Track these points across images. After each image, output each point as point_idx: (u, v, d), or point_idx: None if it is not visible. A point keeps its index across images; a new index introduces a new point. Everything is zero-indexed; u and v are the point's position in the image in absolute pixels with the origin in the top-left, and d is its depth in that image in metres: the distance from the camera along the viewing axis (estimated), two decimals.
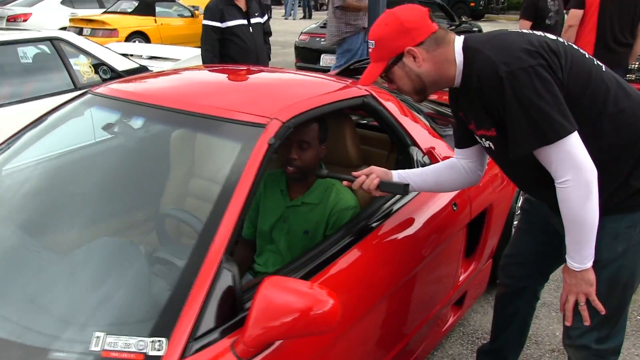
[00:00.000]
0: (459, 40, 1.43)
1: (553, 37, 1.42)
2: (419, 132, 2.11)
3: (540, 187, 1.48)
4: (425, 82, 1.45)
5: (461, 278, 2.20)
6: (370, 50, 1.47)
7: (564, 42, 1.42)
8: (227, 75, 2.05)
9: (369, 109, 1.92)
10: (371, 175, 1.63)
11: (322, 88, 1.86)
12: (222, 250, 1.24)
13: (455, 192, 1.99)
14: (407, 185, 1.60)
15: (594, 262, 1.42)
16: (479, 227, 2.27)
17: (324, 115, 1.74)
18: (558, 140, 1.30)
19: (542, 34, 1.41)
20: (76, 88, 3.55)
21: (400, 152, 2.02)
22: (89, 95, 1.92)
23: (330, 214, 1.80)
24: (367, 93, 1.93)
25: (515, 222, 2.55)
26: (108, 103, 1.82)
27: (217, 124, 1.54)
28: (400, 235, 1.75)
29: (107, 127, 1.83)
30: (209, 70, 2.16)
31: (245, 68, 2.18)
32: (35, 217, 1.63)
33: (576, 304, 1.49)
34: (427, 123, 2.26)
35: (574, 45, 1.44)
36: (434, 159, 2.02)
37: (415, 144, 2.01)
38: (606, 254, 1.45)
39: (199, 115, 1.57)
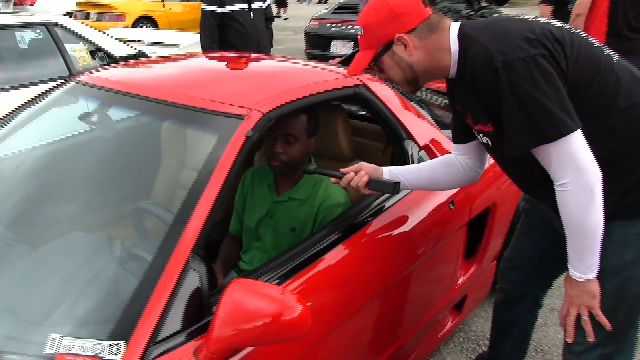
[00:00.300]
0: (454, 27, 1.38)
1: (558, 23, 1.37)
2: (418, 125, 2.07)
3: (539, 187, 1.42)
4: (417, 71, 1.41)
5: (460, 280, 2.16)
6: (358, 37, 1.43)
7: (570, 29, 1.36)
8: (215, 63, 2.05)
9: (361, 99, 1.89)
10: (360, 172, 1.58)
11: (311, 77, 1.82)
12: (190, 248, 1.21)
13: (454, 190, 1.94)
14: (397, 183, 1.56)
15: (598, 272, 1.35)
16: (481, 227, 2.23)
17: (311, 106, 1.72)
18: (558, 139, 1.24)
19: (547, 21, 1.36)
20: (71, 74, 3.54)
21: (394, 146, 1.99)
22: (71, 83, 1.92)
23: (319, 211, 1.79)
24: (359, 83, 1.89)
25: None
26: (89, 92, 1.81)
27: (195, 115, 1.52)
28: (392, 233, 1.72)
29: (84, 117, 1.82)
30: (198, 58, 2.14)
31: (237, 56, 2.16)
32: (11, 209, 1.62)
33: (579, 317, 1.42)
34: (428, 116, 2.22)
35: (581, 33, 1.37)
36: (432, 155, 1.98)
37: (411, 138, 1.97)
38: (613, 263, 1.37)
39: (178, 106, 1.55)
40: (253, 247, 1.90)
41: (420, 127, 2.07)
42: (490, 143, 1.44)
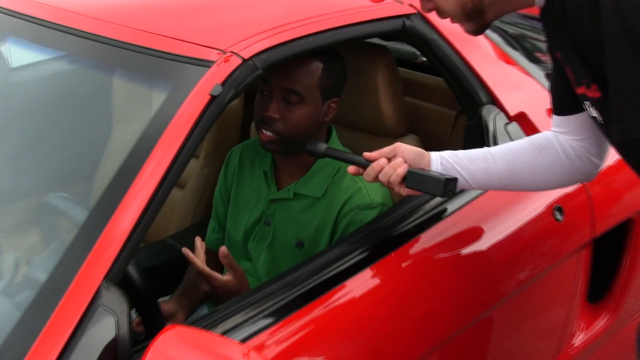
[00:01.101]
0: None
1: None
2: (513, 83, 2.07)
3: None
4: None
5: (578, 339, 2.12)
6: None
7: None
8: None
9: (414, 38, 1.88)
10: (395, 160, 1.56)
11: (332, 4, 1.82)
12: (103, 271, 1.20)
13: (565, 190, 1.91)
14: (451, 180, 1.52)
15: None
16: (615, 252, 2.19)
17: (330, 48, 1.73)
18: None
19: None
20: None
21: (468, 115, 1.98)
22: None
23: (340, 214, 1.77)
24: (412, 11, 1.88)
25: None
26: None
27: (139, 59, 1.53)
28: (455, 256, 1.73)
29: None
30: None
31: None
32: None
33: None
34: (530, 70, 2.20)
35: None
36: (530, 132, 1.91)
37: (496, 102, 1.94)
38: None
39: (118, 45, 1.57)
40: None
41: (516, 87, 2.06)
42: (601, 119, 1.42)
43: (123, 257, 1.23)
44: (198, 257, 1.63)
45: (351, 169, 1.63)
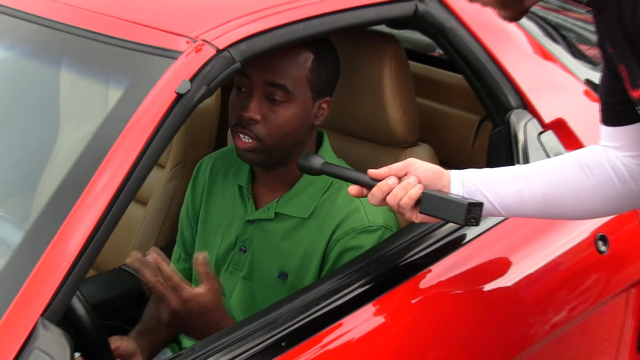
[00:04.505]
0: None
1: None
2: (548, 82, 2.09)
3: None
4: None
5: None
6: None
7: None
8: None
9: (429, 25, 1.89)
10: (407, 179, 1.55)
11: None
12: (42, 306, 1.22)
13: (608, 217, 1.90)
14: (476, 205, 1.52)
15: None
16: None
17: (320, 39, 1.75)
18: None
19: None
20: None
21: (494, 121, 1.99)
22: None
23: (332, 239, 1.79)
24: None
25: None
26: None
27: (91, 47, 1.56)
28: (476, 291, 1.75)
29: None
30: None
31: None
32: None
33: None
34: (573, 68, 2.22)
35: None
36: (570, 144, 1.94)
37: (529, 108, 1.96)
38: None
39: (66, 29, 1.59)
40: None
41: (554, 88, 2.08)
42: None
43: (66, 289, 1.23)
44: (161, 269, 1.63)
45: (353, 189, 1.62)
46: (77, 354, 1.24)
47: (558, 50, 2.25)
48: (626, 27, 1.34)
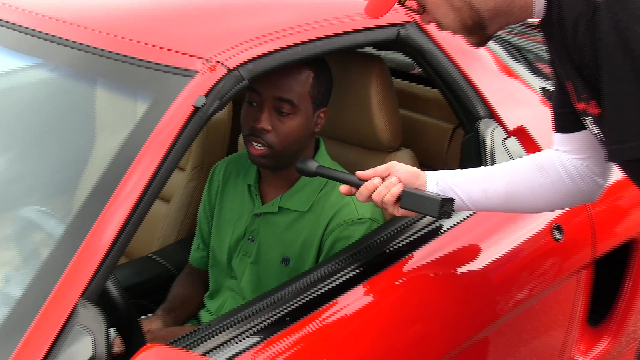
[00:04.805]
0: None
1: None
2: (513, 95, 2.09)
3: None
4: (482, 12, 1.43)
5: None
6: None
7: None
8: None
9: (409, 48, 1.89)
10: (389, 179, 1.56)
11: (320, 10, 1.84)
12: (80, 289, 1.21)
13: (564, 209, 1.90)
14: (448, 201, 1.53)
15: None
16: (617, 274, 2.20)
17: (318, 58, 1.75)
18: None
19: None
20: None
21: (465, 129, 1.98)
22: None
23: (327, 230, 1.79)
24: (408, 20, 1.88)
25: None
26: None
27: (121, 68, 1.55)
28: (450, 275, 1.74)
29: None
30: None
31: None
32: None
33: None
34: (532, 83, 2.22)
35: None
36: (530, 148, 1.95)
37: (494, 117, 1.95)
38: None
39: (100, 53, 1.58)
40: (224, 289, 1.90)
41: (516, 100, 2.08)
42: (602, 136, 1.42)
43: (101, 273, 1.24)
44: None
45: (343, 188, 1.65)
46: (111, 329, 1.24)
47: (519, 68, 2.25)
48: (569, 51, 1.35)
